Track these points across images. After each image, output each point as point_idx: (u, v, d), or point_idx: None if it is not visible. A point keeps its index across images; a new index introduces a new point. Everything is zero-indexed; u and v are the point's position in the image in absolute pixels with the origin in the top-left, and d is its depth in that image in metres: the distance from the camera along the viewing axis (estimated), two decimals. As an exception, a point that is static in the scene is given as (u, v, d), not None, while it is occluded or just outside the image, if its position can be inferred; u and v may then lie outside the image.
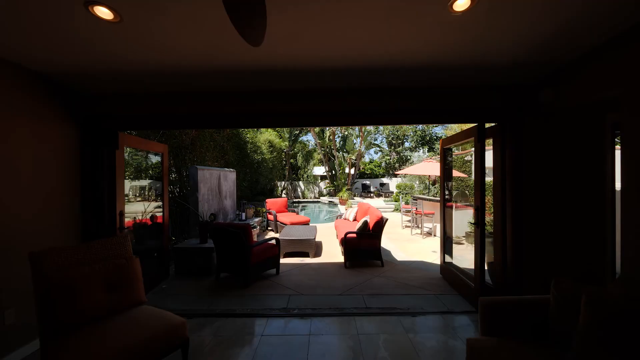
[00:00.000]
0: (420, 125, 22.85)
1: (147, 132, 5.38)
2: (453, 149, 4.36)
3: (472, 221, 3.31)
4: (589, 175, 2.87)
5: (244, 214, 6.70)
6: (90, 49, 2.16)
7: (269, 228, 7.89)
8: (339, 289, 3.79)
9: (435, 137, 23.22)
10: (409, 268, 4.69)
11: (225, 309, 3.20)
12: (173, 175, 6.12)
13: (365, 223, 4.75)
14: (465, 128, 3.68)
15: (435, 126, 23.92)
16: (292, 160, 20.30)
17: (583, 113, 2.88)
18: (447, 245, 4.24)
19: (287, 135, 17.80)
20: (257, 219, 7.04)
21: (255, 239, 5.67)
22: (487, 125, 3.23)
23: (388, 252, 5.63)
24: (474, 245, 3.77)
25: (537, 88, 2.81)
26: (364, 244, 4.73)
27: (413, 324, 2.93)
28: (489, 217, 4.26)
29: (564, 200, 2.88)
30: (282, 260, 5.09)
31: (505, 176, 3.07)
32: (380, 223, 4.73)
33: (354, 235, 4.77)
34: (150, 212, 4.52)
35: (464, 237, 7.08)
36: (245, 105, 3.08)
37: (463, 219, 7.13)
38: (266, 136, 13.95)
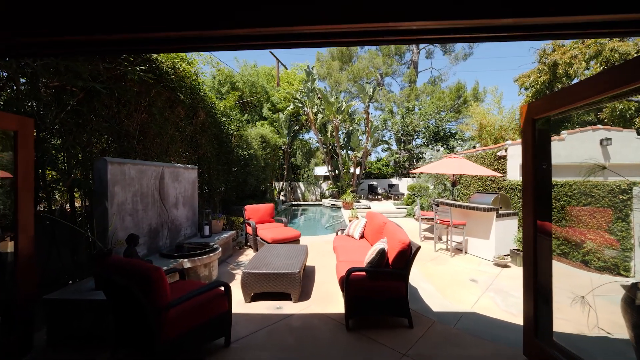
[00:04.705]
0: (432, 120, 20.70)
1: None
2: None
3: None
4: None
5: (207, 228, 4.82)
6: None
7: (248, 244, 5.97)
8: (332, 403, 1.88)
9: (449, 133, 21.01)
10: (458, 334, 2.70)
11: None
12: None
13: (382, 254, 2.78)
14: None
15: (450, 121, 21.80)
16: (292, 160, 18.40)
17: None
18: (540, 305, 2.23)
19: (285, 131, 15.87)
20: (227, 234, 5.13)
21: (210, 272, 3.75)
22: None
23: (413, 290, 3.67)
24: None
25: None
26: (379, 290, 2.76)
27: None
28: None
29: None
30: (246, 309, 3.17)
31: None
32: (406, 254, 2.75)
33: (363, 274, 2.82)
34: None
35: (507, 255, 5.41)
36: None
37: (506, 231, 5.61)
38: (259, 130, 12.10)
